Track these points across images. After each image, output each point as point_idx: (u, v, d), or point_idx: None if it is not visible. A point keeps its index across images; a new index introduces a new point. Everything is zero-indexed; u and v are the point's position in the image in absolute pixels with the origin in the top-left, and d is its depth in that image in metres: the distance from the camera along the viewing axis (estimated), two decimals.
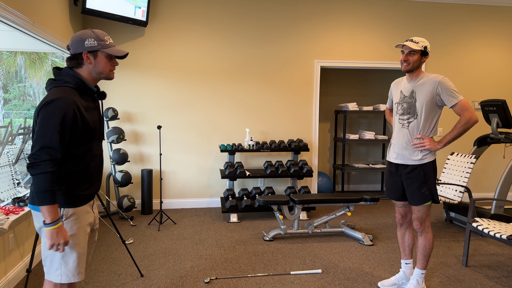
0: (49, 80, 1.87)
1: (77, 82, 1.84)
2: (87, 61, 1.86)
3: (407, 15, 5.80)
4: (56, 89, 1.79)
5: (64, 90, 1.79)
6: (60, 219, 1.78)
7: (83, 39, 1.84)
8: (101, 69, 1.89)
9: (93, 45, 1.84)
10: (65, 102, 1.75)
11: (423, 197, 2.75)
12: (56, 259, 1.85)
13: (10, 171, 3.54)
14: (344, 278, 3.25)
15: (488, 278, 3.30)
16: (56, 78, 1.84)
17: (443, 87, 2.66)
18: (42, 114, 1.72)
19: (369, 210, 5.48)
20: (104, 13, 4.61)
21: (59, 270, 1.85)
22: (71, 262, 1.86)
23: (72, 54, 1.86)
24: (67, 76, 1.84)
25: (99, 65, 1.88)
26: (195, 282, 3.16)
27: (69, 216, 1.86)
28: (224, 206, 4.91)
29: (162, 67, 5.32)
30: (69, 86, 1.82)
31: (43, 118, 1.71)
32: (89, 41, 1.84)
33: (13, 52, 7.12)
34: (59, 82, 1.83)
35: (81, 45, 1.84)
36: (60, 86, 1.81)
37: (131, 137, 5.34)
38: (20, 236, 3.23)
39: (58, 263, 1.85)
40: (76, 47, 1.85)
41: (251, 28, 5.46)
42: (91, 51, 1.85)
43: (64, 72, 1.84)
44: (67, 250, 1.85)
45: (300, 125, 5.69)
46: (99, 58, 1.87)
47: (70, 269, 1.86)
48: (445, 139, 2.71)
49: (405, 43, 2.70)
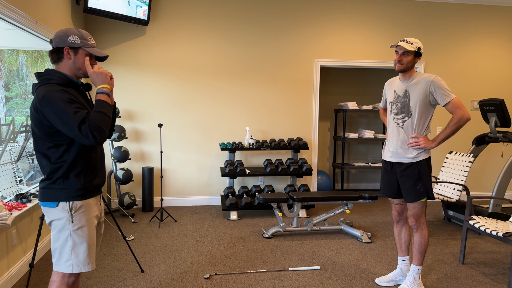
0: (33, 84, 1.94)
1: (60, 77, 1.91)
2: (67, 56, 1.92)
3: (407, 14, 5.83)
4: (42, 88, 1.85)
5: (49, 85, 1.86)
6: (101, 88, 1.93)
7: (67, 35, 1.92)
8: (79, 65, 1.95)
9: (75, 41, 1.92)
10: (54, 89, 1.83)
11: (418, 194, 2.79)
12: (66, 250, 1.91)
13: (12, 168, 3.59)
14: (342, 275, 3.29)
15: (485, 275, 3.34)
16: (40, 79, 1.91)
17: (436, 86, 2.70)
18: (47, 109, 1.79)
19: (368, 208, 5.52)
20: (106, 12, 4.65)
21: (70, 260, 1.92)
22: (81, 253, 1.93)
23: (54, 47, 1.93)
24: (49, 74, 1.91)
25: (79, 61, 1.94)
26: (195, 278, 3.21)
27: (78, 208, 1.93)
28: (224, 203, 4.95)
29: (163, 66, 5.36)
30: (53, 82, 1.88)
31: (51, 111, 1.78)
32: (72, 37, 1.92)
33: (15, 51, 7.16)
34: (42, 81, 1.90)
35: (64, 40, 1.92)
36: (44, 84, 1.87)
37: (132, 135, 5.38)
38: (23, 232, 3.27)
39: (68, 255, 1.92)
40: (58, 41, 1.92)
41: (251, 27, 5.50)
42: (72, 47, 1.93)
43: (46, 72, 1.91)
44: (77, 241, 1.92)
45: (300, 123, 5.73)
46: (79, 55, 1.94)
47: (80, 259, 1.93)
48: (439, 137, 2.75)
49: (399, 44, 2.73)
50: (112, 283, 3.09)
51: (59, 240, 1.92)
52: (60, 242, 1.92)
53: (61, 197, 1.90)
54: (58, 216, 1.91)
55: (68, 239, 1.91)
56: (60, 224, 1.91)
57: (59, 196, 1.90)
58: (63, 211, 1.90)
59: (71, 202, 1.91)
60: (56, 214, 1.91)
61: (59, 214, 1.91)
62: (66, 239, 1.91)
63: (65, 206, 1.90)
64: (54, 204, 1.90)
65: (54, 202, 1.90)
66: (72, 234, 1.91)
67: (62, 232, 1.91)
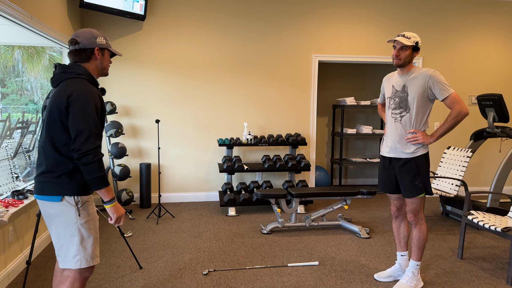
0: (58, 73, 1.95)
1: (90, 76, 1.98)
2: (98, 56, 2.02)
3: (405, 9, 5.81)
4: (74, 80, 1.89)
5: (83, 81, 1.91)
6: (115, 196, 1.95)
7: (95, 36, 2.02)
8: (105, 65, 2.08)
9: (103, 43, 2.05)
10: (93, 91, 1.89)
11: (417, 189, 2.78)
12: (74, 246, 1.92)
13: (8, 165, 3.56)
14: (341, 270, 3.29)
15: (483, 270, 3.34)
16: (67, 71, 1.93)
17: (434, 80, 2.68)
18: (77, 104, 1.82)
19: (366, 204, 5.53)
20: (102, 7, 4.61)
21: (78, 256, 1.92)
22: (89, 247, 1.95)
23: (83, 48, 1.99)
24: (78, 68, 1.95)
25: (105, 61, 2.08)
26: (194, 274, 3.20)
27: (84, 202, 1.95)
28: (222, 199, 4.94)
29: (160, 61, 5.33)
30: (85, 79, 1.94)
31: (79, 107, 1.82)
32: (100, 39, 2.03)
33: (10, 46, 7.10)
34: (71, 74, 1.93)
35: (93, 41, 2.01)
36: (74, 77, 1.91)
37: (129, 131, 5.35)
38: (20, 229, 3.25)
39: (76, 250, 1.92)
40: (89, 42, 2.00)
41: (249, 22, 5.46)
42: (102, 48, 2.04)
43: (73, 66, 1.95)
44: (85, 235, 1.93)
45: (298, 119, 5.71)
46: (106, 55, 2.08)
47: (88, 253, 1.95)
48: (437, 132, 2.74)
49: (397, 38, 2.71)
50: (110, 280, 3.08)
51: (66, 236, 1.91)
52: (67, 237, 1.91)
53: (66, 191, 1.90)
54: (63, 210, 1.90)
55: (75, 233, 1.91)
56: (66, 219, 1.90)
57: (64, 190, 1.89)
58: (69, 205, 1.90)
59: (76, 197, 1.92)
60: (60, 208, 1.90)
61: (65, 209, 1.90)
62: (74, 233, 1.91)
63: (70, 200, 1.90)
64: (59, 198, 1.89)
65: (58, 196, 1.89)
66: (80, 228, 1.92)
67: (68, 227, 1.91)
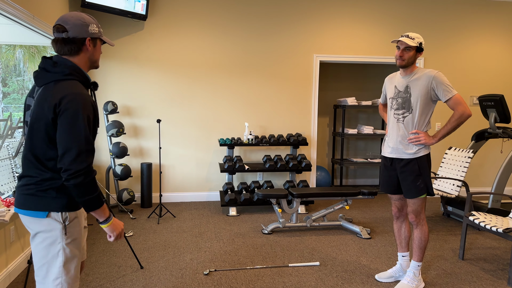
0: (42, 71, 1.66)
1: (82, 74, 1.70)
2: (89, 47, 1.72)
3: (406, 9, 5.80)
4: (62, 84, 1.62)
5: (73, 84, 1.63)
6: (111, 215, 1.73)
7: (87, 23, 1.70)
8: (96, 57, 1.78)
9: (95, 31, 1.73)
10: (85, 99, 1.61)
11: (418, 190, 2.78)
12: (56, 267, 1.68)
13: (10, 164, 3.57)
14: (342, 271, 3.29)
15: (484, 271, 3.34)
16: (53, 70, 1.64)
17: (437, 81, 2.68)
18: (66, 116, 1.57)
19: (367, 204, 5.52)
20: (104, 7, 4.61)
21: (59, 279, 1.69)
22: (72, 269, 1.72)
23: (72, 37, 1.67)
24: (67, 67, 1.65)
25: (97, 53, 1.77)
26: (195, 274, 3.20)
27: (73, 219, 1.72)
28: (223, 199, 4.94)
29: (161, 61, 5.33)
30: (77, 80, 1.67)
31: (68, 119, 1.57)
32: (92, 26, 1.71)
33: (12, 46, 7.10)
34: (59, 74, 1.64)
35: (85, 30, 1.69)
36: (62, 79, 1.64)
37: (130, 130, 5.36)
38: (21, 228, 3.26)
39: (58, 272, 1.68)
40: (79, 31, 1.68)
41: (250, 22, 5.46)
42: (93, 38, 1.73)
43: (62, 63, 1.66)
44: (69, 256, 1.70)
45: (299, 119, 5.71)
46: (98, 46, 1.77)
47: (71, 276, 1.71)
48: (440, 133, 2.74)
49: (401, 39, 2.71)
50: (111, 279, 3.08)
51: (48, 255, 1.67)
52: (48, 257, 1.67)
53: (53, 207, 1.66)
54: (47, 227, 1.67)
55: (59, 253, 1.68)
56: (51, 236, 1.67)
57: (51, 206, 1.66)
58: (55, 222, 1.67)
59: (63, 213, 1.68)
60: (45, 225, 1.66)
61: (50, 226, 1.67)
62: (57, 253, 1.67)
63: (57, 217, 1.67)
64: (44, 214, 1.65)
65: (44, 212, 1.65)
66: (65, 248, 1.68)
67: (52, 246, 1.67)
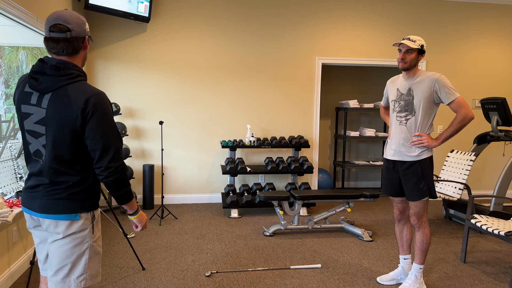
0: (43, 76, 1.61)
1: (84, 74, 1.70)
2: (87, 46, 1.73)
3: (408, 12, 5.81)
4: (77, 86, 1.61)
5: (88, 85, 1.66)
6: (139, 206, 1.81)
7: (84, 22, 1.68)
8: (86, 56, 1.77)
9: (87, 30, 1.72)
10: (106, 97, 1.68)
11: (421, 192, 2.78)
12: (81, 264, 1.73)
13: (12, 165, 3.58)
14: (343, 273, 3.29)
15: (486, 274, 3.33)
16: (61, 73, 1.61)
17: (440, 84, 2.69)
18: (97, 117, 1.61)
19: (369, 207, 5.52)
20: (107, 9, 4.63)
21: (84, 275, 1.74)
22: (96, 264, 1.79)
23: (75, 37, 1.64)
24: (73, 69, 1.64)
25: (87, 51, 1.77)
26: (196, 275, 3.20)
27: (97, 217, 1.81)
28: (225, 201, 4.94)
29: (164, 63, 5.34)
30: (83, 78, 1.67)
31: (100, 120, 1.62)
32: (87, 25, 1.71)
33: (15, 47, 7.14)
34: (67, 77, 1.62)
35: (84, 28, 1.68)
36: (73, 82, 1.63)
37: (133, 132, 5.37)
38: (24, 229, 3.27)
39: (82, 268, 1.74)
40: (81, 30, 1.66)
41: (253, 24, 5.48)
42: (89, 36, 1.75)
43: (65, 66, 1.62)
44: (95, 252, 1.78)
45: (301, 121, 5.72)
46: (88, 44, 1.76)
47: (94, 271, 1.78)
48: (442, 136, 2.74)
49: (403, 42, 2.72)
50: (113, 281, 3.08)
51: (73, 255, 1.72)
52: (74, 256, 1.72)
53: (84, 208, 1.72)
54: (79, 228, 1.71)
55: (85, 252, 1.74)
56: (81, 236, 1.72)
57: (82, 207, 1.72)
58: (86, 222, 1.73)
59: (92, 212, 1.76)
60: (77, 226, 1.71)
61: (81, 226, 1.72)
62: (84, 252, 1.73)
63: (87, 217, 1.74)
64: (77, 216, 1.70)
65: (77, 214, 1.70)
66: (92, 246, 1.76)
67: (79, 245, 1.72)
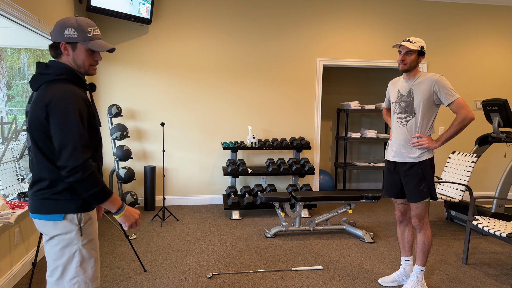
0: (36, 75, 1.68)
1: (70, 73, 1.69)
2: (65, 52, 1.69)
3: (410, 14, 5.81)
4: (53, 84, 1.64)
5: (64, 83, 1.65)
6: (123, 204, 1.72)
7: (63, 27, 1.66)
8: (80, 62, 1.72)
9: (72, 36, 1.66)
10: (76, 94, 1.62)
11: (422, 194, 2.78)
12: (73, 267, 1.71)
13: (14, 166, 3.59)
14: (345, 275, 3.29)
15: (488, 275, 3.33)
16: (45, 72, 1.67)
17: (440, 85, 2.69)
18: (57, 113, 1.58)
19: (370, 208, 5.51)
20: (109, 11, 4.65)
21: (76, 278, 1.72)
22: (89, 268, 1.74)
23: (53, 42, 1.70)
24: (58, 68, 1.67)
25: (78, 58, 1.71)
26: (198, 277, 3.20)
27: (87, 220, 1.75)
28: (226, 203, 4.94)
29: (165, 65, 5.36)
30: (64, 79, 1.67)
31: (59, 116, 1.58)
32: (68, 31, 1.66)
33: (17, 49, 7.15)
34: (50, 75, 1.66)
35: (60, 33, 1.67)
36: (53, 80, 1.66)
37: (134, 134, 5.38)
38: (26, 230, 3.27)
39: (75, 271, 1.72)
40: (55, 35, 1.68)
41: (254, 26, 5.49)
42: (70, 42, 1.68)
43: (53, 65, 1.68)
44: (85, 256, 1.74)
45: (302, 123, 5.72)
46: (78, 50, 1.70)
47: (88, 275, 1.74)
48: (443, 137, 2.74)
49: (403, 43, 2.73)
50: (115, 282, 3.09)
51: (64, 257, 1.70)
52: (64, 258, 1.71)
53: (69, 209, 1.69)
54: (64, 230, 1.70)
55: (75, 254, 1.71)
56: (67, 238, 1.70)
57: (67, 208, 1.69)
58: (71, 224, 1.70)
59: (79, 214, 1.71)
60: (61, 228, 1.69)
61: (66, 228, 1.70)
62: (73, 254, 1.71)
63: (73, 219, 1.70)
64: (61, 217, 1.68)
65: (60, 215, 1.68)
66: (81, 249, 1.72)
67: (68, 247, 1.71)
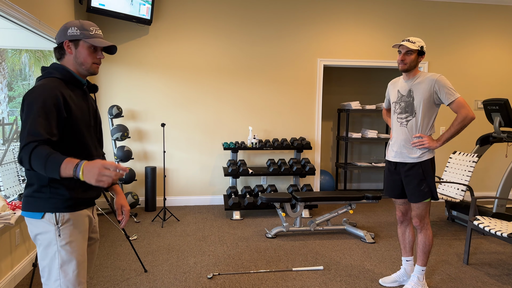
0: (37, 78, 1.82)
1: (63, 73, 1.75)
2: (68, 50, 1.76)
3: (410, 14, 5.81)
4: (41, 81, 1.72)
5: (48, 79, 1.72)
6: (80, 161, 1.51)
7: (67, 27, 1.76)
8: (82, 60, 1.77)
9: (75, 33, 1.75)
10: (46, 87, 1.66)
11: (422, 194, 2.77)
12: (55, 268, 1.69)
13: (15, 168, 3.59)
14: (346, 275, 3.28)
15: (489, 276, 3.32)
16: (42, 73, 1.78)
17: (440, 85, 2.69)
18: (25, 103, 1.63)
19: (371, 208, 5.51)
20: (109, 12, 4.65)
21: (58, 280, 1.69)
22: (70, 272, 1.70)
23: (57, 43, 1.79)
24: (53, 68, 1.77)
25: (80, 55, 1.76)
26: (198, 277, 3.20)
27: (65, 221, 1.70)
28: (227, 203, 4.94)
29: (165, 65, 5.36)
30: (55, 77, 1.74)
31: (26, 107, 1.62)
32: (71, 29, 1.75)
33: (18, 50, 7.16)
34: (45, 74, 1.76)
35: (64, 33, 1.76)
36: (45, 77, 1.75)
37: (135, 134, 5.38)
38: (26, 231, 3.28)
39: (56, 273, 1.69)
40: (59, 36, 1.78)
41: (254, 26, 5.49)
42: (72, 40, 1.75)
43: (51, 65, 1.77)
44: (65, 258, 1.70)
45: (303, 123, 5.72)
46: (81, 48, 1.76)
47: (69, 279, 1.70)
48: (443, 137, 2.74)
49: (402, 43, 2.73)
50: (115, 283, 3.09)
51: (47, 257, 1.69)
52: (48, 259, 1.69)
53: (47, 208, 1.67)
54: (43, 229, 1.68)
55: (55, 255, 1.68)
56: (46, 238, 1.68)
57: (45, 207, 1.67)
58: (49, 224, 1.68)
59: (57, 214, 1.68)
60: (41, 227, 1.68)
61: (45, 227, 1.68)
62: (54, 255, 1.68)
63: (51, 218, 1.67)
64: (39, 216, 1.67)
65: (39, 213, 1.67)
66: (59, 250, 1.68)
67: (49, 248, 1.69)
